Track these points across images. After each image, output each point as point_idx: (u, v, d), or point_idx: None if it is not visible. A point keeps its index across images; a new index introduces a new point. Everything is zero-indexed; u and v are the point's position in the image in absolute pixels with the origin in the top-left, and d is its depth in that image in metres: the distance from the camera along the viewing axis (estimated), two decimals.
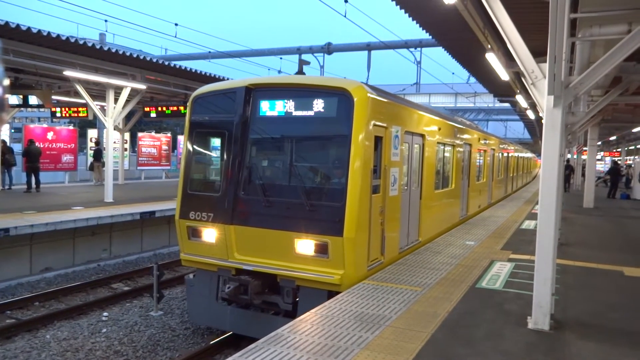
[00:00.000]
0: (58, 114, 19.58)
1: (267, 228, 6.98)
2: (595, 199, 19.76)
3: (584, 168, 28.39)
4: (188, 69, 15.26)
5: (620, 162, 35.36)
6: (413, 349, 4.58)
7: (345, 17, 15.00)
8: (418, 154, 9.34)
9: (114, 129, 16.77)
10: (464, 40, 10.26)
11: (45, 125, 24.70)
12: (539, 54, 5.24)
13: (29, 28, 10.44)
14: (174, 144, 29.23)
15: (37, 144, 18.12)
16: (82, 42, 11.81)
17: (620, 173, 26.77)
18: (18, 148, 24.47)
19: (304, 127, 7.14)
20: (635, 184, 24.59)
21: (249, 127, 7.37)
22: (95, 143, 22.18)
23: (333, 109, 6.87)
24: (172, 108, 17.99)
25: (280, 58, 24.00)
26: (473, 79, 17.63)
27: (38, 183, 17.60)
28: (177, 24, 20.55)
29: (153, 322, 8.78)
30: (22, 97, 15.55)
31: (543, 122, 5.22)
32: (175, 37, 19.72)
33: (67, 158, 21.04)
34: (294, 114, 7.08)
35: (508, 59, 10.24)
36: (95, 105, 15.47)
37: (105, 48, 12.90)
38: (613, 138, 33.06)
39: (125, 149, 23.92)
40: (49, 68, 13.24)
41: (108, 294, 10.38)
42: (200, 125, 7.88)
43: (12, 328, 8.25)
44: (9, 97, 15.32)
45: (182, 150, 8.16)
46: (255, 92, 7.40)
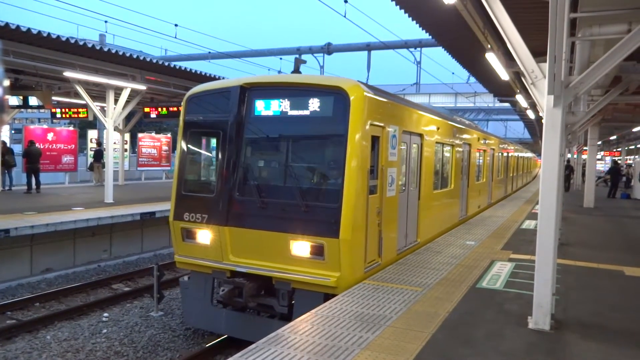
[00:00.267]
0: (58, 115, 19.58)
1: (262, 229, 6.87)
2: (596, 199, 19.75)
3: (584, 168, 28.40)
4: (188, 70, 15.27)
5: (621, 161, 35.34)
6: (413, 349, 4.58)
7: (345, 17, 15.02)
8: (416, 154, 9.25)
9: (114, 130, 16.76)
10: (464, 40, 10.25)
11: (46, 126, 24.69)
12: (539, 54, 5.24)
13: (29, 29, 10.45)
14: (174, 145, 29.24)
15: (37, 145, 18.13)
16: (82, 43, 11.81)
17: (621, 173, 26.76)
18: (18, 149, 24.48)
19: (300, 126, 7.03)
20: (636, 184, 24.58)
21: (244, 127, 7.26)
22: (97, 144, 22.17)
23: (329, 108, 6.77)
24: (172, 109, 18.01)
25: (280, 58, 24.00)
26: (473, 79, 17.63)
27: (38, 184, 17.60)
28: (177, 25, 20.56)
29: (153, 322, 8.78)
30: (22, 98, 15.53)
31: (543, 121, 5.21)
32: (175, 37, 19.73)
33: (67, 159, 21.05)
34: (290, 114, 6.97)
35: (508, 59, 10.23)
36: (96, 106, 15.47)
37: (105, 49, 12.91)
38: (613, 138, 33.06)
39: (125, 150, 23.92)
40: (49, 69, 13.24)
41: (108, 295, 10.38)
42: (195, 125, 7.76)
43: (12, 329, 8.25)
44: (9, 98, 15.30)
45: (176, 151, 8.03)
46: (250, 91, 7.29)
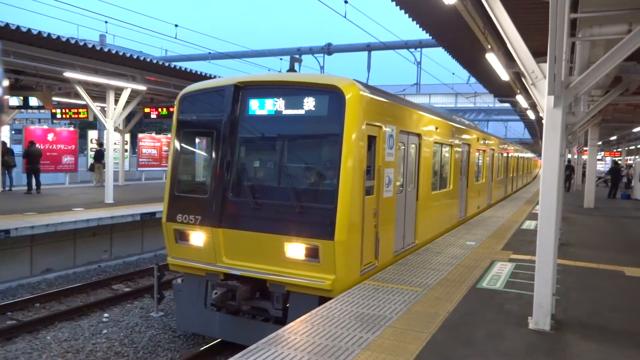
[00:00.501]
0: (58, 115, 19.59)
1: (256, 231, 6.75)
2: (596, 199, 19.75)
3: (584, 168, 28.40)
4: (188, 70, 15.28)
5: (621, 162, 35.33)
6: (414, 350, 4.58)
7: (345, 17, 15.02)
8: (414, 154, 9.14)
9: (114, 130, 16.77)
10: (464, 41, 10.25)
11: (46, 127, 24.70)
12: (539, 54, 5.24)
13: (29, 29, 10.45)
14: None
15: (37, 146, 18.13)
16: (82, 43, 11.82)
17: (621, 173, 26.75)
18: (18, 149, 24.48)
19: (295, 126, 6.90)
20: (636, 184, 24.57)
21: (238, 126, 7.13)
22: (99, 144, 22.16)
23: (324, 107, 6.64)
24: (172, 109, 17.97)
25: (280, 59, 24.01)
26: (473, 79, 17.62)
27: (38, 184, 17.60)
28: (177, 25, 20.58)
29: (154, 323, 8.78)
30: (22, 98, 15.54)
31: (543, 122, 5.22)
32: (176, 38, 19.74)
33: (67, 159, 21.05)
34: (284, 113, 6.84)
35: (508, 59, 10.23)
36: (96, 107, 15.48)
37: (106, 49, 12.92)
38: (613, 138, 33.05)
39: (126, 150, 23.93)
40: (49, 69, 13.25)
41: (109, 295, 10.37)
42: (188, 125, 7.64)
43: (12, 329, 8.25)
44: (9, 98, 15.32)
45: (169, 151, 7.90)
46: (244, 90, 7.16)
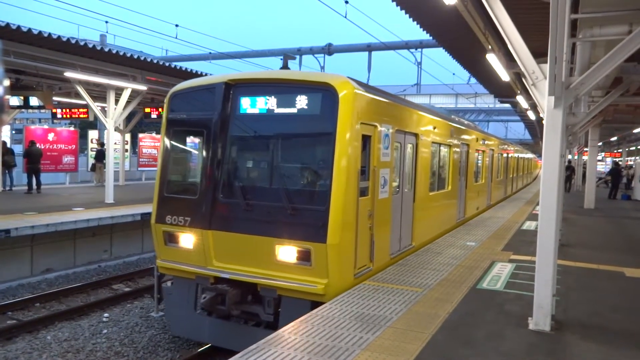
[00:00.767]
0: (59, 115, 19.60)
1: (246, 233, 6.57)
2: (596, 200, 19.75)
3: (585, 168, 28.40)
4: (188, 70, 15.28)
5: (621, 162, 35.33)
6: (413, 350, 4.58)
7: (346, 18, 15.03)
8: (411, 154, 8.97)
9: (115, 130, 16.78)
10: (465, 41, 10.25)
11: (46, 127, 24.72)
12: (540, 55, 5.24)
13: (30, 29, 10.46)
14: None
15: (38, 145, 18.14)
16: (82, 43, 11.83)
17: (621, 174, 26.75)
18: (19, 149, 24.50)
19: (287, 125, 6.71)
20: (636, 185, 24.57)
21: (229, 125, 6.96)
22: (100, 144, 22.17)
23: (317, 106, 6.46)
24: None
25: (281, 59, 24.00)
26: (474, 80, 17.62)
27: (39, 184, 17.61)
28: (177, 25, 20.60)
29: (154, 323, 8.78)
30: (22, 98, 15.55)
31: (544, 122, 5.22)
32: (176, 38, 19.77)
33: (67, 159, 21.06)
34: (276, 112, 6.67)
35: (509, 60, 10.23)
36: (96, 107, 15.49)
37: (106, 49, 12.92)
38: (614, 139, 33.05)
39: (126, 150, 23.93)
40: (50, 69, 13.25)
41: (109, 295, 10.38)
42: (178, 124, 7.46)
43: (13, 329, 8.25)
44: (10, 98, 15.33)
45: (159, 150, 7.81)
46: (236, 88, 6.99)
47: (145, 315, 9.15)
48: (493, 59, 9.44)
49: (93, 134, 24.15)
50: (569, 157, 28.81)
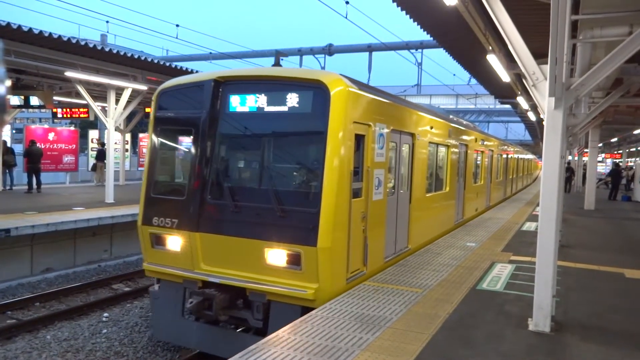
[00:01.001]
0: (59, 115, 19.62)
1: (235, 236, 6.37)
2: (596, 201, 19.75)
3: (585, 170, 28.40)
4: (189, 70, 15.28)
5: (622, 164, 35.33)
6: (413, 351, 4.58)
7: (347, 18, 15.03)
8: (407, 155, 8.75)
9: (115, 130, 16.78)
10: (465, 42, 10.26)
11: (47, 126, 24.72)
12: (540, 56, 5.24)
13: (31, 29, 10.47)
14: None
15: (38, 145, 18.15)
16: (83, 43, 11.83)
17: (621, 175, 26.76)
18: (19, 149, 24.51)
19: (277, 124, 6.49)
20: (636, 186, 24.57)
21: (218, 124, 6.75)
22: (101, 144, 22.19)
23: (308, 104, 6.24)
24: None
25: (282, 59, 24.02)
26: (474, 81, 17.64)
27: (39, 184, 17.62)
28: (178, 25, 20.62)
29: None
30: (23, 98, 15.57)
31: (544, 123, 5.22)
32: (177, 38, 19.78)
33: (68, 159, 21.07)
34: (266, 110, 6.44)
35: (509, 61, 10.24)
36: (97, 106, 15.50)
37: (107, 49, 12.92)
38: (614, 140, 33.05)
39: (126, 150, 23.94)
40: (51, 69, 13.26)
41: (109, 295, 10.38)
42: (166, 122, 7.27)
43: (12, 328, 8.25)
44: (11, 98, 15.34)
45: (146, 150, 7.57)
46: (225, 85, 6.77)
47: (145, 315, 9.14)
48: (493, 60, 9.45)
49: (93, 134, 24.17)
50: (569, 158, 28.80)
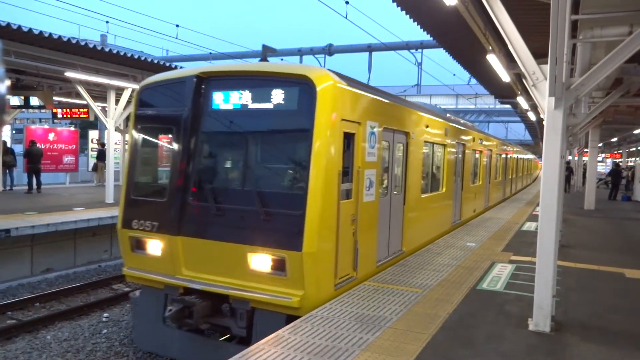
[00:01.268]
0: (59, 115, 19.61)
1: (218, 240, 6.09)
2: (596, 201, 19.75)
3: (585, 170, 28.40)
4: None
5: (622, 164, 35.34)
6: (413, 351, 4.58)
7: (347, 18, 15.03)
8: (401, 154, 8.47)
9: (115, 130, 16.78)
10: (465, 41, 10.26)
11: (47, 126, 24.74)
12: (540, 56, 5.24)
13: (31, 29, 10.47)
14: None
15: (38, 145, 18.16)
16: (83, 43, 11.84)
17: (621, 175, 26.75)
18: (19, 149, 24.51)
19: (262, 122, 6.20)
20: (636, 186, 24.57)
21: (200, 122, 6.43)
22: (101, 145, 22.18)
23: (293, 101, 5.94)
24: None
25: (281, 59, 24.01)
26: (474, 81, 17.64)
27: (39, 184, 17.63)
28: (178, 25, 20.61)
29: None
30: (23, 98, 15.56)
31: (544, 123, 5.22)
32: (177, 38, 19.76)
33: (68, 159, 21.08)
34: (251, 107, 6.15)
35: (509, 61, 10.25)
36: (97, 107, 15.51)
37: (107, 49, 12.93)
38: (614, 140, 33.05)
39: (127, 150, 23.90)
40: (50, 69, 13.27)
41: (109, 295, 10.37)
42: (146, 120, 6.95)
43: (12, 329, 8.25)
44: (10, 98, 15.34)
45: (126, 149, 7.51)
46: (208, 81, 6.48)
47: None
48: (493, 60, 9.45)
49: (93, 134, 24.17)
50: (569, 158, 28.80)
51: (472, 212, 14.96)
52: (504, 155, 21.64)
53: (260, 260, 5.84)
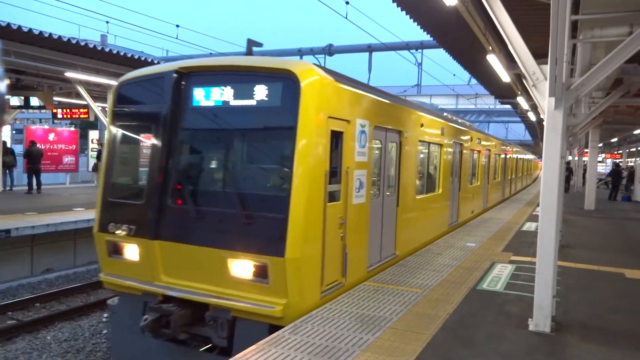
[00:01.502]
0: (59, 115, 19.62)
1: (197, 245, 5.75)
2: (596, 201, 19.75)
3: (585, 170, 28.41)
4: None
5: (622, 164, 35.34)
6: (413, 351, 4.57)
7: (347, 18, 15.04)
8: (394, 154, 8.15)
9: None
10: (465, 42, 10.27)
11: (47, 127, 24.75)
12: (540, 56, 5.24)
13: (31, 29, 10.49)
14: None
15: (38, 145, 18.16)
16: (83, 43, 11.87)
17: (622, 175, 26.77)
18: (19, 149, 24.52)
19: (244, 119, 5.86)
20: (636, 186, 24.58)
21: (180, 120, 6.08)
22: (102, 145, 22.17)
23: (277, 97, 5.61)
24: None
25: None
26: (474, 81, 17.65)
27: (39, 184, 17.63)
28: (178, 26, 20.63)
29: None
30: (23, 98, 15.59)
31: (544, 124, 5.22)
32: (177, 38, 19.78)
33: (68, 159, 21.08)
34: (232, 104, 5.81)
35: (509, 61, 10.25)
36: (97, 107, 15.52)
37: (107, 49, 12.94)
38: (614, 140, 33.06)
39: None
40: (51, 69, 13.29)
41: (109, 295, 10.35)
42: (124, 118, 6.62)
43: (13, 329, 8.26)
44: (10, 98, 15.35)
45: (103, 149, 6.92)
46: (189, 77, 6.14)
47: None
48: (493, 60, 9.45)
49: (94, 134, 24.16)
50: (569, 158, 28.80)
51: (470, 213, 14.74)
52: (503, 156, 21.53)
53: (242, 267, 5.53)
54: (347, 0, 14.85)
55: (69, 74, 13.05)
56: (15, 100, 15.81)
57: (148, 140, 6.40)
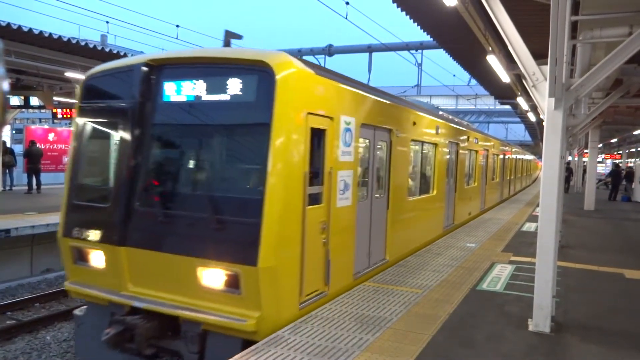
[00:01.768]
0: (59, 115, 19.60)
1: (165, 252, 5.32)
2: (596, 202, 19.76)
3: (585, 170, 28.41)
4: None
5: (622, 164, 35.34)
6: (413, 351, 4.58)
7: (347, 19, 15.04)
8: (384, 154, 7.78)
9: None
10: (465, 42, 10.28)
11: (47, 127, 24.73)
12: (540, 56, 5.25)
13: (31, 29, 10.48)
14: None
15: (38, 145, 18.16)
16: (83, 43, 11.86)
17: (621, 175, 26.79)
18: (19, 149, 24.51)
19: (217, 116, 5.43)
20: (636, 186, 24.59)
21: (149, 117, 5.65)
22: None
23: (251, 91, 5.18)
24: None
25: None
26: (474, 81, 17.65)
27: (39, 184, 17.62)
28: (178, 26, 20.60)
29: None
30: (23, 98, 15.58)
31: (544, 124, 5.23)
32: (177, 38, 19.74)
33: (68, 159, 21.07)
34: (205, 99, 5.39)
35: (509, 61, 10.25)
36: None
37: (107, 49, 12.94)
38: (614, 140, 33.06)
39: None
40: (51, 69, 13.28)
41: None
42: (90, 114, 6.16)
43: (12, 329, 8.25)
44: (10, 98, 15.35)
45: (69, 148, 6.47)
46: (159, 70, 5.70)
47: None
48: (493, 61, 9.46)
49: None
50: (569, 158, 28.80)
51: (466, 215, 14.34)
52: (502, 156, 21.35)
53: (213, 276, 5.10)
54: (347, 1, 14.84)
55: (69, 74, 13.03)
56: (15, 100, 15.81)
57: (115, 139, 6.00)
